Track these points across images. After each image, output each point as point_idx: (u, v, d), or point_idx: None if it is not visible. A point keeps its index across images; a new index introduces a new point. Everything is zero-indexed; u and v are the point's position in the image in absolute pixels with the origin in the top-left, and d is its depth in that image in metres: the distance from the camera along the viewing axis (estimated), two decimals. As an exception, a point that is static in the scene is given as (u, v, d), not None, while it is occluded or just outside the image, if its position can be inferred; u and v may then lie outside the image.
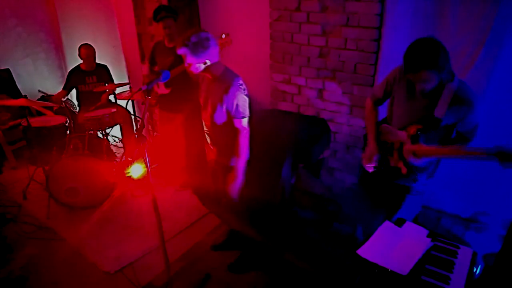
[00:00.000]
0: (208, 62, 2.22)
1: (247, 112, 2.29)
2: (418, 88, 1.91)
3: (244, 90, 2.27)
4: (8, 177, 4.15)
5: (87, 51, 4.03)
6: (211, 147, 2.56)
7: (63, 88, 4.16)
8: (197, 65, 2.21)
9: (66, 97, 4.35)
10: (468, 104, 1.84)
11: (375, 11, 2.75)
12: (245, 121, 2.30)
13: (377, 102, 2.29)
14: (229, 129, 2.33)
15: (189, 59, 2.19)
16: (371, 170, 2.27)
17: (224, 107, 2.27)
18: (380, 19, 2.77)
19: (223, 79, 2.28)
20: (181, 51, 2.18)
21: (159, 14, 3.24)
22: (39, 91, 4.99)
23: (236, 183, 2.39)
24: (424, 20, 2.64)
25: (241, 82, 2.28)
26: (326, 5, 2.97)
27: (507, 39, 2.40)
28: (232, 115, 2.28)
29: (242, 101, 2.26)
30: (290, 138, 3.07)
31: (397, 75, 2.10)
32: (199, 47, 2.15)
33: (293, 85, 3.41)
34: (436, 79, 1.82)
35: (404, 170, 2.04)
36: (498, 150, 1.57)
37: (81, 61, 4.11)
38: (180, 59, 3.20)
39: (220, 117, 2.32)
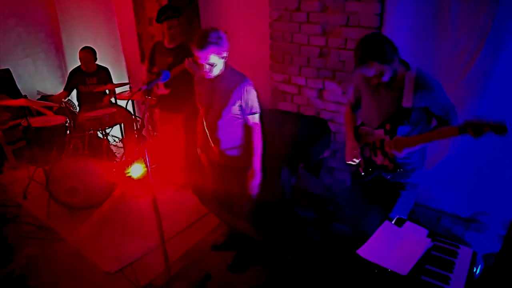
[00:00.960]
0: (226, 54, 2.18)
1: (258, 109, 2.30)
2: (373, 83, 1.99)
3: (253, 86, 2.28)
4: (8, 177, 4.15)
5: (85, 55, 4.04)
6: (215, 150, 2.50)
7: (64, 89, 4.17)
8: (220, 60, 2.15)
9: (67, 98, 4.36)
10: (428, 87, 1.90)
11: (375, 11, 2.75)
12: (257, 117, 2.30)
13: (354, 107, 2.40)
14: (239, 129, 2.32)
15: (215, 57, 2.11)
16: (355, 163, 2.33)
17: (237, 104, 2.24)
18: (380, 19, 2.76)
19: (233, 76, 2.26)
20: (209, 51, 2.06)
21: (165, 13, 3.22)
22: (38, 92, 4.99)
23: (255, 180, 2.38)
24: (424, 20, 2.64)
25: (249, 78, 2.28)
26: (326, 5, 2.97)
27: (507, 38, 2.40)
28: (246, 112, 2.27)
29: (254, 96, 2.26)
30: (290, 138, 3.07)
31: (360, 79, 2.19)
32: (223, 39, 2.11)
33: (293, 85, 3.41)
34: (388, 71, 1.89)
35: (390, 166, 2.09)
36: (467, 123, 1.65)
37: (82, 62, 4.11)
38: (179, 59, 3.22)
39: (229, 116, 2.29)
